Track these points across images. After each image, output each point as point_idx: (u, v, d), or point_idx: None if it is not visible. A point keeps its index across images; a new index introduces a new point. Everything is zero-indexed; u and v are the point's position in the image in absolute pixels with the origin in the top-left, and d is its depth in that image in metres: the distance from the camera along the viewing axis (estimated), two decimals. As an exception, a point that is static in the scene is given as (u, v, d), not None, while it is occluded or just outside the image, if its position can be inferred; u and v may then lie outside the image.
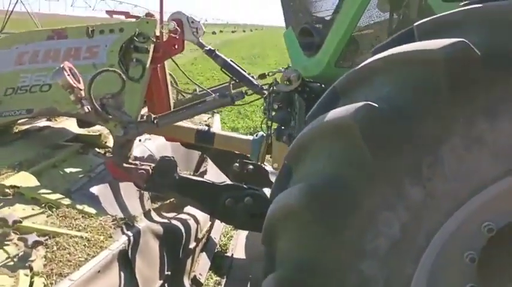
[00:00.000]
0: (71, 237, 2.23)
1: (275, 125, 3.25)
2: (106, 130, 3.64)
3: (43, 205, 2.48)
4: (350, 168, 1.59)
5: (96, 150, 3.45)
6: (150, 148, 3.84)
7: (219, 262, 3.71)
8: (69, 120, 3.73)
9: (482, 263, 1.66)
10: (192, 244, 3.20)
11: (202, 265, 3.49)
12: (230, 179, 3.65)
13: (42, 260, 2.07)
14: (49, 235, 2.22)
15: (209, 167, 3.95)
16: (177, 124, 3.21)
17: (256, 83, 3.09)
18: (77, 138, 3.52)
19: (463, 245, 1.65)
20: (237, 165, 3.50)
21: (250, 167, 3.49)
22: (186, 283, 3.13)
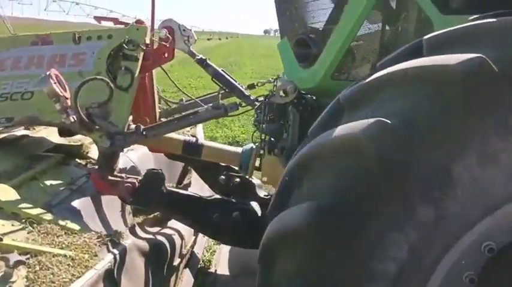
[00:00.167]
0: (54, 256, 2.09)
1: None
2: (87, 140, 3.50)
3: (23, 220, 2.33)
4: (359, 187, 1.52)
5: (77, 161, 3.30)
6: (133, 159, 3.71)
7: (202, 278, 3.59)
8: (48, 129, 3.57)
9: (481, 284, 1.60)
10: (177, 261, 3.08)
11: (185, 282, 3.35)
12: (215, 191, 3.55)
13: (23, 281, 1.92)
14: (31, 254, 2.07)
15: (193, 179, 3.84)
16: (163, 134, 3.09)
17: (248, 94, 3.01)
18: (57, 148, 3.36)
19: (463, 265, 1.59)
20: (223, 177, 3.40)
21: (237, 179, 3.40)
22: (170, 301, 3.00)
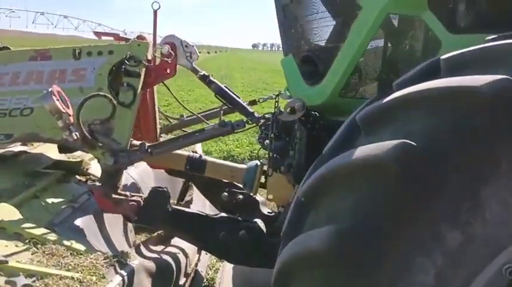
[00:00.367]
0: (61, 278, 2.03)
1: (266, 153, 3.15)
2: (87, 156, 3.45)
3: (27, 240, 2.28)
4: (383, 210, 1.48)
5: (78, 178, 3.24)
6: (133, 175, 3.65)
7: (206, 297, 3.54)
8: (46, 145, 3.51)
9: None
10: (182, 280, 3.03)
11: (190, 302, 3.30)
12: (218, 208, 3.51)
13: (31, 306, 1.87)
14: (37, 276, 2.02)
15: (195, 196, 3.79)
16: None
17: (252, 111, 2.98)
18: (56, 165, 3.31)
19: None
20: (225, 194, 3.36)
21: (240, 196, 3.35)
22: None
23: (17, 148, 3.48)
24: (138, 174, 3.70)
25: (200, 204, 3.72)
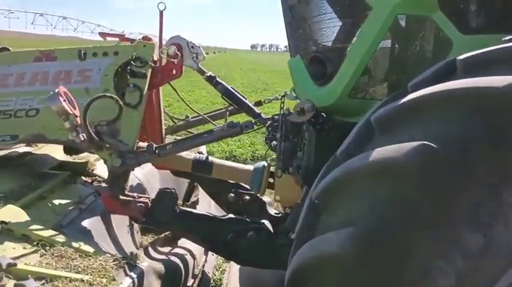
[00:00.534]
0: (71, 281, 2.01)
1: (272, 153, 3.12)
2: (92, 157, 3.43)
3: (35, 242, 2.26)
4: (403, 212, 1.47)
5: (84, 179, 3.22)
6: (138, 176, 3.63)
7: (213, 298, 3.52)
8: (50, 146, 3.49)
9: None
10: (190, 281, 3.01)
11: (198, 303, 3.28)
12: (224, 209, 3.49)
13: (41, 309, 1.85)
14: (46, 279, 2.00)
15: (201, 196, 3.77)
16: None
17: (258, 112, 2.96)
18: (61, 166, 3.29)
19: None
20: (232, 195, 3.33)
21: (247, 197, 3.33)
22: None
23: (22, 148, 3.46)
24: (143, 175, 3.67)
25: (206, 205, 3.70)
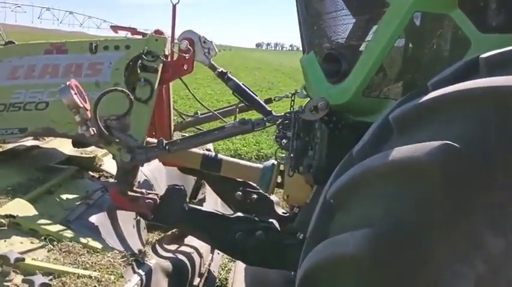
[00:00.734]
0: (79, 277, 1.98)
1: (283, 152, 3.08)
2: (100, 152, 3.40)
3: (42, 237, 2.23)
4: (422, 213, 1.43)
5: (91, 174, 3.19)
6: (145, 172, 3.59)
7: (219, 298, 3.49)
8: (58, 140, 3.46)
9: None
10: (196, 280, 2.97)
11: (203, 303, 3.24)
12: (231, 207, 3.45)
13: (49, 305, 1.82)
14: (54, 274, 1.96)
15: (208, 194, 3.73)
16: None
17: (269, 110, 2.91)
18: (69, 160, 3.26)
19: None
20: (239, 193, 3.29)
21: (254, 196, 3.28)
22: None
23: (29, 142, 3.43)
24: (150, 171, 3.63)
25: (212, 202, 3.66)
